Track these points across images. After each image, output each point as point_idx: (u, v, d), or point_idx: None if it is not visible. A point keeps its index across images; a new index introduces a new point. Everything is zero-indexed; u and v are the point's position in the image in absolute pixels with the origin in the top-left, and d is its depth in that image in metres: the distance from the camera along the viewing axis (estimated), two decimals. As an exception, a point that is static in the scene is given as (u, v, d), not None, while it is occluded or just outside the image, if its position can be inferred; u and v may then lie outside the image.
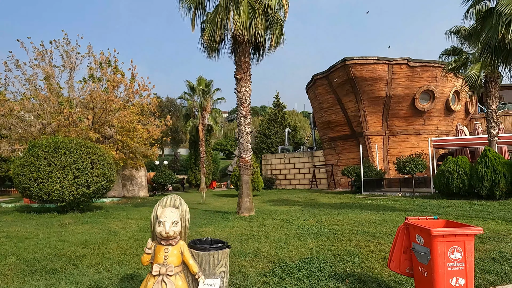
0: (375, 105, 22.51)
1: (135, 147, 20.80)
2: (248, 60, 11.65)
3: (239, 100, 11.63)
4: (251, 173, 11.69)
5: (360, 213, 11.54)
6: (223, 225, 9.32)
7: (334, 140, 26.03)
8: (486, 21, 9.63)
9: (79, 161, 12.61)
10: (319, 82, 24.78)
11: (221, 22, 10.41)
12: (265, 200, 18.53)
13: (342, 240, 7.17)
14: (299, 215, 11.24)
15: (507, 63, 9.71)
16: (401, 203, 14.98)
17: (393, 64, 21.47)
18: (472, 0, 10.72)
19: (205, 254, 3.59)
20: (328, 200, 17.88)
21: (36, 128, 17.49)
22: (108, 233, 8.41)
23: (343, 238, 7.32)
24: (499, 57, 9.75)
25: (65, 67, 19.97)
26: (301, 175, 29.63)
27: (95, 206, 15.92)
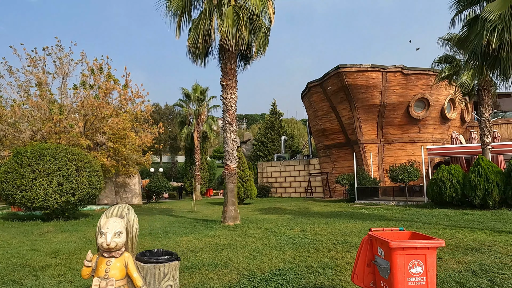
0: (370, 113, 22.36)
1: (127, 154, 20.66)
2: (234, 66, 11.53)
3: (225, 107, 11.49)
4: (236, 181, 11.50)
5: (347, 223, 11.32)
6: (203, 235, 9.11)
7: (329, 148, 25.84)
8: (473, 28, 9.52)
9: (64, 168, 12.45)
10: (313, 89, 24.68)
11: (204, 28, 10.32)
12: (257, 208, 18.31)
13: (320, 250, 6.96)
14: (285, 224, 11.03)
15: (494, 69, 9.55)
16: (392, 212, 14.75)
17: (387, 72, 21.36)
18: (458, 7, 10.60)
19: (150, 267, 3.41)
20: (320, 209, 17.65)
21: (27, 135, 17.37)
22: (84, 242, 8.22)
23: (322, 249, 7.10)
24: (486, 63, 9.62)
25: (58, 73, 19.93)
26: (296, 183, 29.39)
27: (83, 213, 15.73)
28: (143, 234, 9.34)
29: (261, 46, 11.18)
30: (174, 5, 11.00)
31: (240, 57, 12.39)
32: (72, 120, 18.02)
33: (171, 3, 10.97)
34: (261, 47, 11.23)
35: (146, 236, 8.96)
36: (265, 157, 35.34)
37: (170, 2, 10.98)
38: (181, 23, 11.39)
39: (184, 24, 11.47)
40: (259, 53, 11.60)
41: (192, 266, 5.84)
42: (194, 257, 6.46)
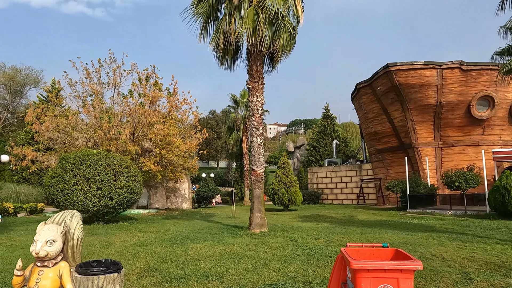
0: (425, 114, 20.61)
1: (173, 160, 21.18)
2: (260, 68, 11.17)
3: (251, 111, 11.16)
4: (263, 187, 11.07)
5: (384, 233, 10.33)
6: (221, 242, 8.81)
7: (381, 152, 24.31)
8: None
9: (102, 173, 12.98)
10: (362, 91, 23.43)
11: (225, 29, 10.12)
12: (299, 215, 17.65)
13: (331, 264, 6.29)
14: (314, 234, 10.35)
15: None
16: (444, 223, 13.28)
17: (443, 69, 19.55)
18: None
19: (83, 279, 3.16)
20: (366, 217, 16.53)
21: (80, 142, 18.56)
22: (100, 247, 8.33)
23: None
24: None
25: (110, 84, 21.11)
26: (348, 189, 28.06)
27: (127, 217, 16.32)
28: (163, 239, 9.30)
29: (285, 46, 10.68)
30: (199, 11, 10.96)
31: (268, 58, 12.02)
32: (120, 128, 18.92)
33: (197, 8, 10.94)
34: (286, 47, 10.74)
35: (164, 242, 8.89)
36: (317, 162, 34.33)
37: (196, 7, 10.96)
38: (208, 28, 11.33)
39: (210, 30, 11.40)
40: (284, 53, 11.13)
41: (183, 276, 5.55)
42: (193, 267, 6.18)
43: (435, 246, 8.23)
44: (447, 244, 8.56)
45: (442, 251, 7.61)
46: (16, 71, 35.63)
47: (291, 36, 10.85)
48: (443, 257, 7.05)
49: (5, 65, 35.65)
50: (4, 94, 36.78)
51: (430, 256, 7.10)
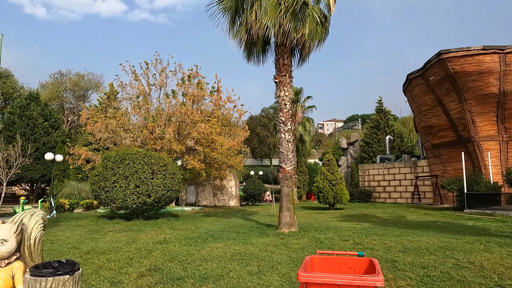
0: (485, 104, 18.61)
1: (217, 158, 21.36)
2: (288, 62, 10.70)
3: (278, 106, 10.76)
4: (292, 185, 10.60)
5: (427, 236, 9.39)
6: (243, 242, 8.55)
7: (437, 148, 22.46)
8: None
9: (140, 171, 13.36)
10: (414, 82, 21.78)
11: (247, 22, 9.81)
12: (342, 214, 16.85)
13: (344, 270, 5.75)
14: (346, 235, 9.71)
15: None
16: (503, 225, 11.83)
17: (507, 53, 17.46)
18: None
19: (32, 280, 3.06)
20: (416, 217, 15.32)
21: (128, 141, 19.41)
22: (123, 243, 8.49)
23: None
24: None
25: (156, 85, 21.83)
26: (402, 187, 26.36)
27: (169, 213, 16.73)
28: (187, 237, 9.26)
29: (313, 36, 10.10)
30: (225, 5, 10.77)
31: (298, 51, 11.51)
32: (164, 127, 19.47)
33: (222, 3, 10.78)
34: (313, 38, 10.15)
35: (186, 240, 8.85)
36: (370, 159, 32.72)
37: (221, 2, 10.80)
38: (235, 23, 11.11)
39: (237, 24, 11.16)
40: (313, 44, 10.55)
41: (181, 277, 5.38)
42: (197, 267, 5.99)
43: (479, 252, 7.25)
44: (494, 250, 7.52)
45: (484, 259, 6.66)
46: (80, 77, 38.43)
47: (318, 26, 10.24)
48: (482, 265, 6.16)
49: (70, 72, 38.69)
50: (70, 98, 39.90)
51: (466, 264, 6.23)
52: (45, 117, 30.46)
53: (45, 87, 38.51)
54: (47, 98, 37.07)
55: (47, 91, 37.68)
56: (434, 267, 6.03)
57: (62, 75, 38.52)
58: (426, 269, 5.87)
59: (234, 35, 10.50)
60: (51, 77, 40.24)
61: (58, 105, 39.77)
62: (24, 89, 36.90)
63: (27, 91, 35.23)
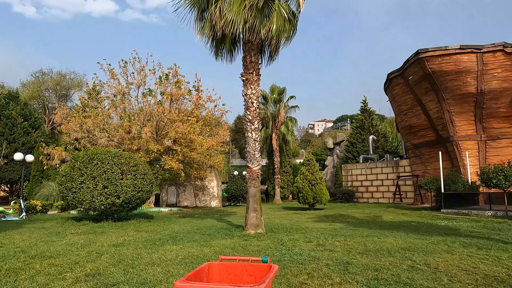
0: (463, 104, 18.61)
1: (196, 158, 21.03)
2: (255, 59, 10.46)
3: (246, 104, 10.49)
4: (259, 185, 10.36)
5: (393, 237, 9.22)
6: (203, 244, 8.28)
7: (418, 147, 22.44)
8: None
9: (109, 171, 12.99)
10: (394, 81, 21.73)
11: (211, 18, 9.54)
12: (319, 215, 16.66)
13: (287, 275, 5.52)
14: (313, 236, 9.48)
15: None
16: (474, 225, 11.73)
17: (484, 53, 17.47)
18: None
19: None
20: (393, 217, 15.21)
21: (103, 141, 19.00)
22: (78, 246, 8.17)
23: (295, 272, 5.64)
24: None
25: (134, 84, 21.44)
26: (384, 187, 26.32)
27: (144, 215, 16.37)
28: (147, 240, 8.96)
29: (280, 33, 9.87)
30: (192, 1, 10.49)
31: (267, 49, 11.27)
32: (140, 127, 19.10)
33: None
34: (280, 35, 9.92)
35: (144, 243, 8.55)
36: (354, 159, 32.68)
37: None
38: (202, 19, 10.82)
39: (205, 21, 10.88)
40: (281, 41, 10.33)
41: (116, 283, 5.09)
42: (139, 272, 5.70)
43: (440, 253, 7.09)
44: (456, 251, 7.36)
45: (442, 260, 6.49)
46: (62, 76, 37.79)
47: (286, 22, 10.01)
48: (437, 267, 5.98)
49: (52, 71, 37.98)
50: (53, 98, 39.20)
51: (421, 266, 6.05)
52: (24, 116, 29.83)
53: (26, 86, 37.81)
54: (28, 97, 36.37)
55: (28, 90, 36.99)
56: (387, 269, 5.83)
57: (44, 74, 37.87)
58: (378, 272, 5.67)
59: (199, 31, 10.21)
60: (32, 76, 39.57)
61: (40, 105, 39.08)
62: (5, 88, 36.16)
63: (7, 90, 34.53)
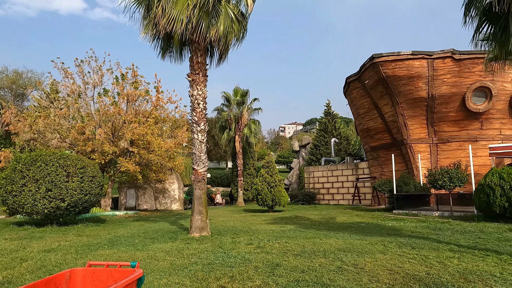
0: (416, 108, 19.21)
1: (154, 160, 20.61)
2: (202, 60, 10.34)
3: (192, 105, 10.35)
4: (205, 187, 10.23)
5: (335, 238, 9.32)
6: (138, 249, 8.05)
7: (375, 150, 22.98)
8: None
9: (53, 173, 12.47)
10: (352, 85, 22.18)
11: (155, 16, 9.35)
12: (275, 217, 16.70)
13: (208, 279, 5.42)
14: (257, 238, 9.43)
15: None
16: (418, 225, 12.07)
17: (434, 59, 18.12)
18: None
19: None
20: (347, 218, 15.42)
21: (53, 143, 18.26)
22: (6, 252, 7.74)
23: (217, 276, 5.56)
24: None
25: (90, 84, 20.77)
26: (344, 189, 26.78)
27: (95, 218, 15.84)
28: (84, 245, 8.62)
29: (228, 34, 9.81)
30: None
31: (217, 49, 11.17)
32: (93, 128, 18.51)
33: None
34: (229, 36, 9.85)
35: (78, 248, 8.22)
36: (318, 161, 33.11)
37: (131, -4, 10.24)
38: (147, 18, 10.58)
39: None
40: (230, 43, 10.27)
41: None
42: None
43: (373, 254, 7.20)
44: (390, 251, 7.51)
45: (372, 260, 6.59)
46: (18, 75, 36.17)
47: (234, 23, 9.95)
48: (363, 268, 6.05)
49: (7, 69, 36.29)
50: (8, 97, 37.41)
51: (349, 267, 6.10)
52: (-27, 116, 28.32)
53: (-21, 85, 35.86)
54: (-20, 96, 34.50)
55: (-20, 89, 35.12)
56: (314, 271, 5.85)
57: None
58: (303, 274, 5.67)
59: (142, 30, 9.97)
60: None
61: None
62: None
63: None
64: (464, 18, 7.46)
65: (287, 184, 41.30)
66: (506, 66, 9.46)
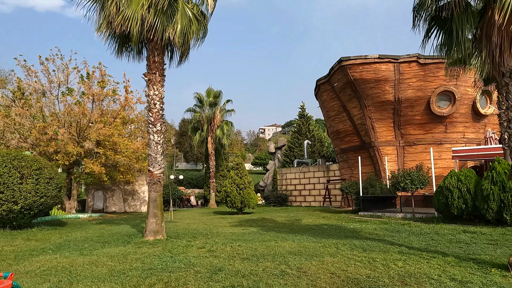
0: (383, 111, 19.49)
1: (120, 161, 20.16)
2: (159, 59, 10.13)
3: (148, 105, 10.12)
4: (160, 189, 10.01)
5: (293, 241, 9.25)
6: (85, 253, 7.77)
7: (345, 152, 23.19)
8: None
9: (6, 175, 11.95)
10: (323, 87, 22.33)
11: (110, 14, 9.08)
12: (242, 219, 16.57)
13: (141, 285, 5.24)
14: (211, 242, 9.25)
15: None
16: (377, 227, 12.17)
17: (400, 63, 18.43)
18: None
19: None
20: (312, 220, 15.43)
21: (13, 143, 17.59)
22: None
23: (151, 282, 5.38)
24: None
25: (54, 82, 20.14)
26: (316, 191, 26.93)
27: (55, 222, 15.33)
28: (28, 250, 8.26)
29: (187, 34, 9.62)
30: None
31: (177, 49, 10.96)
32: (56, 128, 17.94)
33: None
34: (187, 36, 9.67)
35: (21, 253, 7.86)
36: (291, 163, 33.20)
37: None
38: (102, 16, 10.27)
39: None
40: (189, 42, 10.09)
41: None
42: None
43: (321, 257, 7.16)
44: (340, 253, 7.50)
45: (317, 264, 6.54)
46: (-17, 72, 34.80)
47: (193, 23, 9.78)
48: (306, 272, 5.99)
49: (-29, 66, 34.83)
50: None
51: (291, 271, 6.02)
52: None
53: None
54: None
55: None
56: (255, 275, 5.74)
57: (-38, 69, 34.63)
58: (242, 278, 5.55)
59: (97, 29, 9.67)
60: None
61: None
62: None
63: None
64: (413, 22, 7.52)
65: (263, 186, 41.24)
66: (465, 71, 9.66)
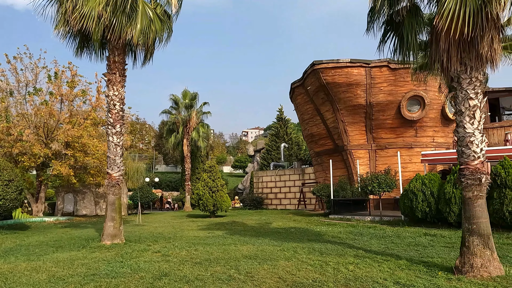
0: (355, 115, 19.66)
1: (90, 163, 19.69)
2: (120, 59, 9.92)
3: (108, 106, 9.91)
4: (119, 192, 9.78)
5: (253, 245, 9.16)
6: (31, 258, 7.49)
7: (319, 155, 23.29)
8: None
9: (-39, 177, 11.51)
10: (297, 91, 22.40)
11: (67, 12, 8.85)
12: (212, 223, 16.41)
13: (85, 290, 5.06)
14: (168, 247, 9.04)
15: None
16: (343, 230, 12.22)
17: (372, 67, 18.63)
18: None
19: None
20: (282, 223, 15.39)
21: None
22: None
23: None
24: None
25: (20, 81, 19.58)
26: (291, 194, 26.97)
27: (18, 225, 14.83)
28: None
29: (147, 34, 9.44)
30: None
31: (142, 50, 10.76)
32: (22, 128, 17.41)
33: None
34: (147, 36, 9.48)
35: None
36: (269, 166, 33.21)
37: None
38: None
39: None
40: (151, 43, 9.91)
41: None
42: None
43: (275, 261, 7.09)
44: (296, 257, 7.45)
45: (268, 268, 6.46)
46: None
47: (156, 23, 9.61)
48: (253, 276, 5.91)
49: None
50: None
51: (240, 276, 5.93)
52: None
53: None
54: None
55: None
56: (201, 280, 5.61)
57: None
58: (187, 284, 5.42)
59: (54, 27, 9.40)
60: None
61: None
62: None
63: None
64: (367, 26, 7.56)
65: (242, 188, 41.09)
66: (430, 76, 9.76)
